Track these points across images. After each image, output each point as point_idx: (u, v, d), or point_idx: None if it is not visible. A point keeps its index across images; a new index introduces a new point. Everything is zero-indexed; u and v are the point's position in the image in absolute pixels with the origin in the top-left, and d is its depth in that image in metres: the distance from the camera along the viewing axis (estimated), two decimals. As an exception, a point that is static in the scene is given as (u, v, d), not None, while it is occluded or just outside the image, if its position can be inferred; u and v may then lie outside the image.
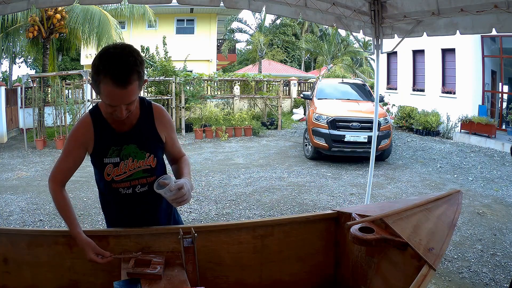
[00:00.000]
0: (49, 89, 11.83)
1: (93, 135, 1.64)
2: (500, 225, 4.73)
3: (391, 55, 14.11)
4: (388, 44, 4.25)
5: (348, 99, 9.22)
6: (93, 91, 1.81)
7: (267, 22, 24.22)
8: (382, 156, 8.20)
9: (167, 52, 13.39)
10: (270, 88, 14.19)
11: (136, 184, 1.70)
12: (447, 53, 11.95)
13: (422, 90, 13.14)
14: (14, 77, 22.65)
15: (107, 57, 1.41)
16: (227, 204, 5.50)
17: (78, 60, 22.88)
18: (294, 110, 16.10)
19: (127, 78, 1.39)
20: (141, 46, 14.07)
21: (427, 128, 11.54)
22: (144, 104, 1.71)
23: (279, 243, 1.86)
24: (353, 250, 1.77)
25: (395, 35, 4.10)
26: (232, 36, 25.03)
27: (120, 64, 1.39)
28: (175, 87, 11.86)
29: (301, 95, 12.49)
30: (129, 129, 1.66)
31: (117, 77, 1.38)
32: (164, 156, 1.85)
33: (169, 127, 1.77)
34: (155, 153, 1.71)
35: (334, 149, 7.92)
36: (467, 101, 11.10)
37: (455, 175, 7.26)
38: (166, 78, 11.91)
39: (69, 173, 1.71)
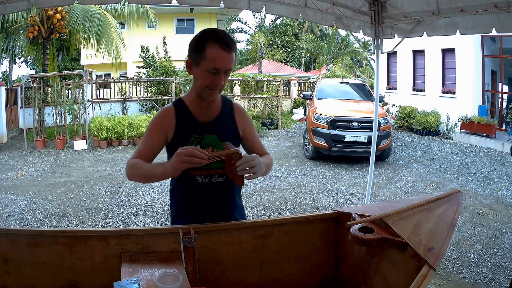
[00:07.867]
0: (49, 89, 11.81)
1: (175, 123, 1.73)
2: (500, 225, 4.73)
3: (391, 55, 14.12)
4: (388, 44, 4.25)
5: (348, 99, 9.21)
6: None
7: (267, 22, 24.25)
8: (382, 156, 8.20)
9: (167, 52, 13.39)
10: (270, 88, 14.20)
11: (213, 174, 1.76)
12: (447, 53, 11.95)
13: (422, 90, 13.14)
14: (14, 77, 22.67)
15: (211, 32, 1.63)
16: (227, 204, 5.49)
17: (78, 60, 22.90)
18: (294, 110, 16.09)
19: (231, 45, 1.61)
20: (141, 46, 14.06)
21: (427, 128, 11.53)
22: (226, 100, 1.85)
23: (279, 243, 1.85)
24: (353, 250, 1.77)
25: (395, 35, 4.10)
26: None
27: (225, 34, 1.64)
28: (175, 87, 11.86)
29: (301, 95, 12.47)
30: (211, 120, 1.77)
31: (224, 42, 1.59)
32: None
33: (248, 123, 1.89)
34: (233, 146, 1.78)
35: (334, 149, 7.92)
36: (467, 101, 11.10)
37: (455, 175, 7.26)
38: (166, 78, 11.92)
39: (144, 158, 1.71)
